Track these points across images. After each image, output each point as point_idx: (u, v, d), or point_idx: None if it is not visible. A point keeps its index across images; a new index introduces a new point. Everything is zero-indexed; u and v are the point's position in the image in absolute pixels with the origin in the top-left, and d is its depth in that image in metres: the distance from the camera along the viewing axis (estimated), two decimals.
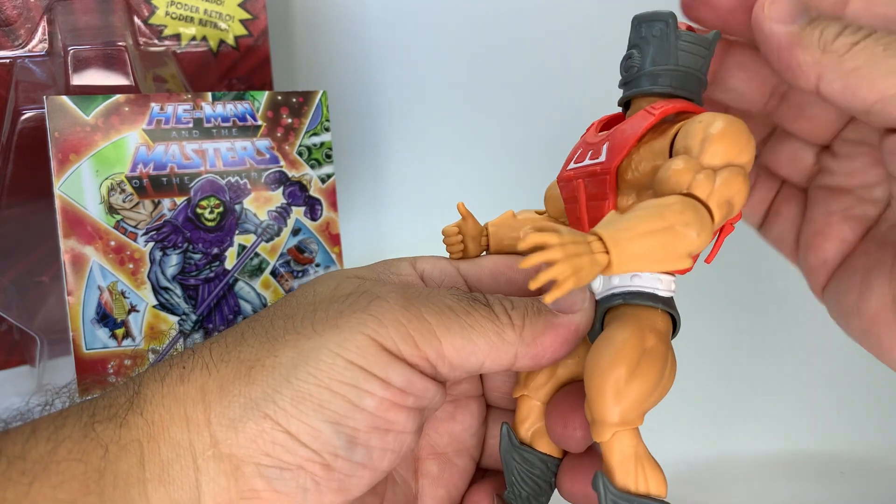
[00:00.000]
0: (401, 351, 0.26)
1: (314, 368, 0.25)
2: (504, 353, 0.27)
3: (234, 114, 0.44)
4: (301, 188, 0.45)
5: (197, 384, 0.27)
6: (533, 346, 0.27)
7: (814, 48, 0.26)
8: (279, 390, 0.25)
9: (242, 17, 0.51)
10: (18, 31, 0.47)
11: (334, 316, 0.26)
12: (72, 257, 0.41)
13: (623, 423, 0.25)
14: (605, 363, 0.25)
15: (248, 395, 0.26)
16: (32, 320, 0.48)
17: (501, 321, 0.27)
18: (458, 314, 0.27)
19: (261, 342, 0.27)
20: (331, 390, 0.25)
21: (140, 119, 0.42)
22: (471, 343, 0.26)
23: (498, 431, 0.33)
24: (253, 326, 0.28)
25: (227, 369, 0.27)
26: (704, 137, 0.25)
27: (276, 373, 0.26)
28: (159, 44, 0.50)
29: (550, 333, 0.27)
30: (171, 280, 0.43)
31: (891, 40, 0.24)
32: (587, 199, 0.27)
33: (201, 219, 0.44)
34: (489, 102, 0.56)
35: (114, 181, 0.42)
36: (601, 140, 0.27)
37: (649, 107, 0.27)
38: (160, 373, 0.28)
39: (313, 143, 0.46)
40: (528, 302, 0.28)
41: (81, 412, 0.27)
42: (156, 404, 0.27)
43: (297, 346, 0.26)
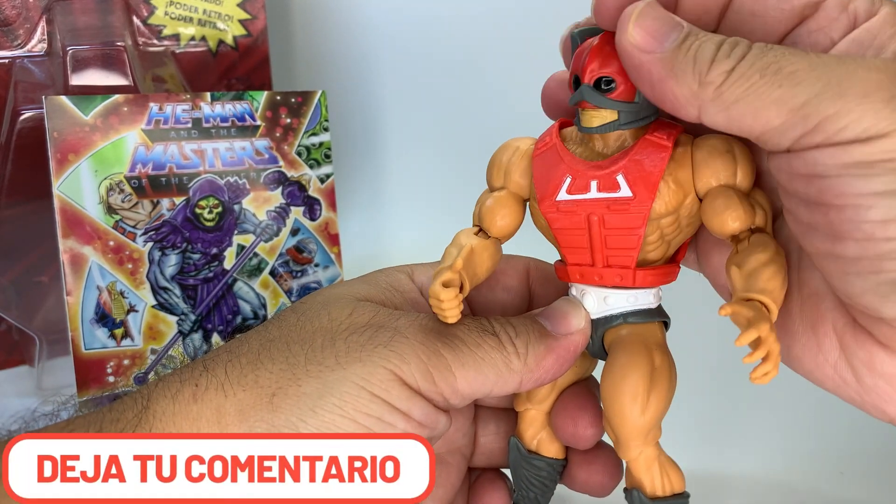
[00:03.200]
0: (420, 387, 0.27)
1: (339, 400, 0.26)
2: (510, 380, 0.28)
3: (232, 114, 0.44)
4: (300, 188, 0.45)
5: (212, 405, 0.27)
6: (536, 370, 0.28)
7: (689, 80, 0.24)
8: (304, 419, 0.26)
9: (241, 17, 0.51)
10: (17, 31, 0.47)
11: (356, 349, 0.27)
12: (71, 257, 0.41)
13: (647, 442, 0.28)
14: (625, 395, 0.27)
15: (272, 423, 0.26)
16: (32, 320, 0.48)
17: (507, 350, 0.28)
18: (470, 347, 0.28)
19: (281, 369, 0.27)
20: (355, 422, 0.26)
21: (139, 119, 0.42)
22: (482, 375, 0.28)
23: (488, 430, 0.35)
24: (269, 350, 0.28)
25: (247, 394, 0.27)
26: (732, 164, 0.27)
27: (300, 402, 0.26)
28: (158, 44, 0.50)
29: (551, 357, 0.28)
30: (170, 280, 0.43)
31: (766, 63, 0.24)
32: (606, 229, 0.28)
33: (200, 219, 0.44)
34: (489, 102, 0.56)
35: (113, 181, 0.42)
36: (609, 171, 0.27)
37: (652, 136, 0.27)
38: (170, 389, 0.28)
39: (312, 143, 0.46)
40: (530, 326, 0.29)
41: (88, 426, 0.27)
42: (166, 421, 0.27)
43: (321, 377, 0.27)
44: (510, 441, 0.33)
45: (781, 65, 0.23)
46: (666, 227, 0.28)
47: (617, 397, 0.27)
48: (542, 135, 0.30)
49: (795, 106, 0.23)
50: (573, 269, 0.29)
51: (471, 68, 0.58)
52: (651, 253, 0.28)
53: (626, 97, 0.27)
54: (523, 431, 0.32)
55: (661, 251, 0.28)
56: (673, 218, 0.27)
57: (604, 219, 0.28)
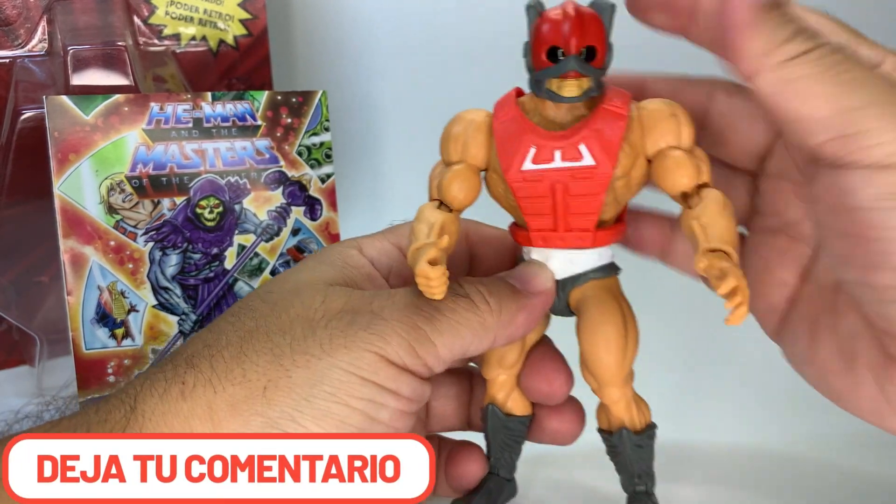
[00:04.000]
0: (405, 363, 0.28)
1: (331, 387, 0.27)
2: (485, 337, 0.29)
3: (233, 114, 0.44)
4: (301, 188, 0.45)
5: (202, 402, 0.27)
6: (509, 326, 0.30)
7: (768, 39, 0.25)
8: (300, 409, 0.27)
9: (242, 17, 0.51)
10: (18, 31, 0.47)
11: (339, 335, 0.28)
12: (71, 257, 0.41)
13: (626, 383, 0.31)
14: (609, 343, 0.30)
15: (268, 416, 0.27)
16: (32, 320, 0.48)
17: (481, 309, 0.29)
18: (445, 314, 0.29)
19: (268, 361, 0.28)
20: (349, 406, 0.27)
21: (140, 119, 0.42)
22: (460, 338, 0.29)
23: (439, 394, 0.36)
24: (251, 342, 0.28)
25: (237, 389, 0.27)
26: (677, 127, 0.29)
27: (293, 393, 0.27)
28: (159, 44, 0.50)
29: (523, 313, 0.30)
30: (171, 280, 0.43)
31: (836, 60, 0.24)
32: (570, 196, 0.30)
33: (201, 219, 0.44)
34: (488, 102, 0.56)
35: (113, 181, 0.42)
36: (571, 140, 0.29)
37: (609, 105, 0.29)
38: (157, 388, 0.28)
39: (313, 142, 0.46)
40: (500, 285, 0.30)
41: (74, 428, 0.27)
42: (156, 421, 0.27)
43: (310, 367, 0.27)
44: (487, 409, 0.34)
45: (848, 67, 0.24)
46: (619, 189, 0.30)
47: (600, 346, 0.30)
48: (497, 106, 0.31)
49: (844, 107, 0.24)
50: (535, 235, 0.31)
51: (471, 68, 0.58)
52: (606, 214, 0.30)
53: (601, 65, 0.29)
54: (495, 395, 0.34)
55: (613, 211, 0.31)
56: (626, 180, 0.30)
57: (567, 186, 0.29)
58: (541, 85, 0.29)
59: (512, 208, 0.32)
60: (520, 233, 0.32)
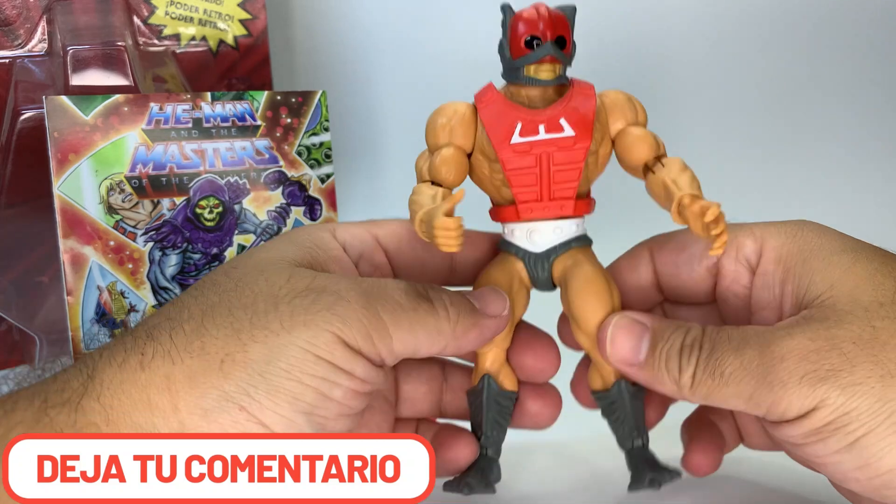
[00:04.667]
0: (361, 348, 0.29)
1: (286, 364, 0.27)
2: (437, 343, 0.31)
3: (233, 114, 0.44)
4: (300, 188, 0.45)
5: (160, 372, 0.27)
6: (461, 339, 0.32)
7: (669, 384, 0.31)
8: (254, 384, 0.27)
9: (242, 17, 0.51)
10: (18, 31, 0.47)
11: (301, 312, 0.28)
12: (71, 257, 0.41)
13: None
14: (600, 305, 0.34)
15: (223, 388, 0.27)
16: (32, 320, 0.48)
17: (440, 315, 0.31)
18: (406, 311, 0.30)
19: (226, 335, 0.28)
20: (303, 384, 0.28)
21: (139, 119, 0.42)
22: (415, 337, 0.30)
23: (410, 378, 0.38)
24: (212, 316, 0.29)
25: (195, 361, 0.27)
26: (634, 110, 0.34)
27: (249, 368, 0.27)
28: (159, 44, 0.50)
29: (476, 330, 0.32)
30: (171, 280, 0.43)
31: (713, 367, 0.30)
32: (554, 165, 0.33)
33: (200, 219, 0.44)
34: None
35: (113, 181, 0.42)
36: (552, 115, 0.33)
37: (578, 89, 0.34)
38: (115, 358, 0.28)
39: (313, 142, 0.46)
40: (461, 299, 0.32)
41: (33, 396, 0.27)
42: (113, 389, 0.27)
43: (267, 342, 0.28)
44: (483, 380, 0.35)
45: (723, 367, 0.29)
46: (590, 165, 0.34)
47: (593, 304, 0.33)
48: (477, 96, 0.35)
49: (745, 398, 0.29)
50: (523, 207, 0.34)
51: (471, 68, 0.58)
52: (581, 188, 0.34)
53: (569, 54, 0.34)
54: (488, 369, 0.36)
55: (585, 187, 0.35)
56: (595, 157, 0.34)
57: (552, 156, 0.33)
58: (519, 72, 0.33)
59: (495, 187, 0.34)
60: (504, 210, 0.35)
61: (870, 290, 0.30)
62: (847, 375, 0.28)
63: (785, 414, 0.29)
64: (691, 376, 0.30)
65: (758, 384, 0.29)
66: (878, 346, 0.28)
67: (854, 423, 0.28)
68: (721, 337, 0.30)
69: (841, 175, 0.61)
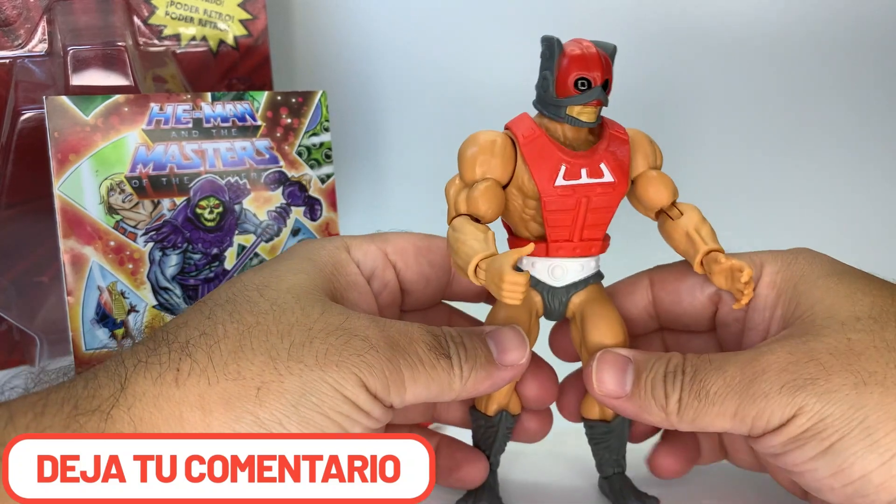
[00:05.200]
0: (379, 395, 0.30)
1: (317, 399, 0.29)
2: (447, 396, 0.32)
3: (233, 114, 0.44)
4: (300, 188, 0.45)
5: (195, 390, 0.28)
6: (472, 391, 0.33)
7: (657, 413, 0.32)
8: (287, 415, 0.29)
9: (242, 17, 0.51)
10: (18, 31, 0.47)
11: (334, 353, 0.30)
12: (71, 257, 0.41)
13: None
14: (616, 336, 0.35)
15: (257, 415, 0.28)
16: (32, 320, 0.48)
17: (454, 373, 0.32)
18: (425, 368, 0.31)
19: (263, 361, 0.29)
20: (329, 418, 0.29)
21: (140, 119, 0.42)
22: (427, 390, 0.32)
23: None
24: (249, 339, 0.30)
25: (231, 385, 0.29)
26: (654, 153, 0.35)
27: (283, 398, 0.29)
28: (159, 44, 0.50)
29: (488, 382, 0.33)
30: (171, 280, 0.43)
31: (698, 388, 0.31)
32: (590, 209, 0.34)
33: (201, 219, 0.44)
34: (488, 102, 0.56)
35: (113, 181, 0.42)
36: (593, 160, 0.33)
37: (613, 130, 0.34)
38: (151, 372, 0.29)
39: (313, 143, 0.46)
40: (479, 349, 0.33)
41: (62, 402, 0.27)
42: (146, 403, 0.28)
43: (302, 376, 0.29)
44: (501, 416, 0.37)
45: (707, 388, 0.31)
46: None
47: (609, 335, 0.35)
48: (514, 126, 0.34)
49: (731, 415, 0.30)
50: (554, 245, 0.34)
51: (471, 68, 0.58)
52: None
53: (610, 93, 0.34)
54: (504, 403, 0.37)
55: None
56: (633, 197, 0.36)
57: (590, 200, 0.33)
58: (561, 110, 0.33)
59: (523, 221, 0.35)
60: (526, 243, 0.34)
61: (847, 307, 0.31)
62: (823, 383, 0.29)
63: (768, 425, 0.30)
64: (678, 401, 0.31)
65: (741, 398, 0.30)
66: (854, 356, 0.29)
67: (829, 430, 0.29)
68: (702, 360, 0.32)
69: (846, 179, 0.61)
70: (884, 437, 0.28)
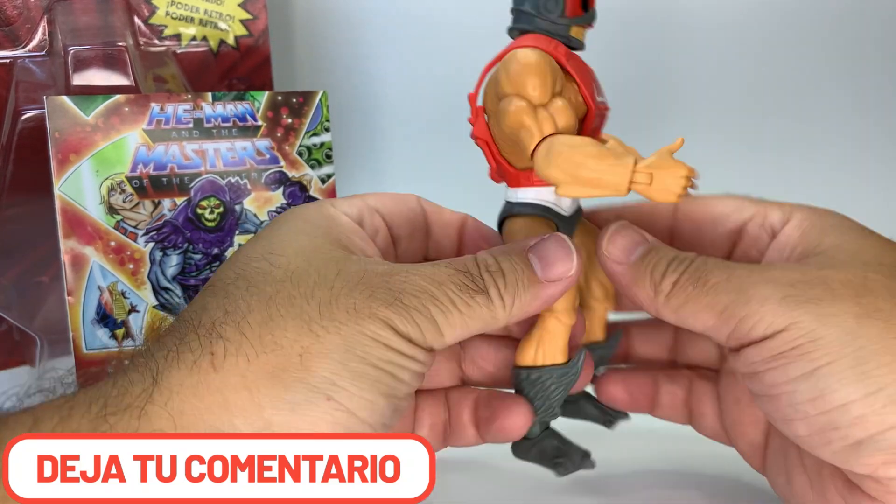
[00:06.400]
0: (416, 341, 0.29)
1: (362, 352, 0.28)
2: (492, 327, 0.31)
3: (234, 114, 0.44)
4: (301, 188, 0.45)
5: (235, 371, 0.27)
6: (520, 316, 0.31)
7: (647, 288, 0.31)
8: (338, 374, 0.28)
9: (242, 17, 0.51)
10: (18, 31, 0.47)
11: (363, 307, 0.29)
12: (72, 258, 0.41)
13: None
14: None
15: (308, 381, 0.27)
16: (32, 320, 0.48)
17: (495, 304, 0.30)
18: (459, 310, 0.30)
19: (297, 326, 0.28)
20: (379, 369, 0.28)
21: (140, 119, 0.42)
22: (468, 330, 0.30)
23: None
24: (276, 307, 0.29)
25: (272, 357, 0.27)
26: None
27: (329, 358, 0.28)
28: (159, 44, 0.50)
29: (537, 303, 0.31)
30: (172, 280, 0.43)
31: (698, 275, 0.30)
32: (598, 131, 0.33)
33: (201, 219, 0.44)
34: None
35: (114, 181, 0.42)
36: (593, 78, 0.33)
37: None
38: (184, 360, 0.27)
39: (313, 143, 0.46)
40: (520, 272, 0.31)
41: (90, 403, 0.27)
42: (184, 394, 0.27)
43: (340, 333, 0.28)
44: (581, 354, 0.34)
45: (708, 277, 0.30)
46: None
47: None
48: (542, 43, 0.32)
49: (719, 311, 0.29)
50: None
51: (472, 68, 0.58)
52: None
53: None
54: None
55: None
56: None
57: (602, 120, 0.33)
58: (567, 30, 0.32)
59: None
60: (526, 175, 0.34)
61: (874, 253, 0.30)
62: (827, 307, 0.28)
63: (752, 332, 0.29)
64: (673, 283, 0.30)
65: (737, 296, 0.29)
66: (866, 291, 0.28)
67: (819, 351, 0.28)
68: (714, 259, 0.31)
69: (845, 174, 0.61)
70: (875, 369, 0.27)
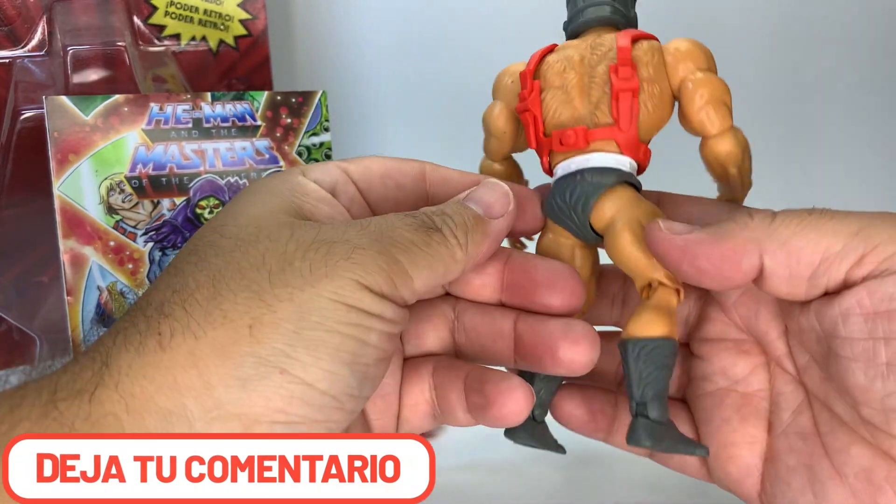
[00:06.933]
0: (385, 292, 0.28)
1: (319, 317, 0.26)
2: (455, 269, 0.30)
3: (233, 114, 0.44)
4: None
5: (182, 350, 0.26)
6: (476, 256, 0.31)
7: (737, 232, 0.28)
8: (291, 343, 0.26)
9: (242, 18, 0.51)
10: (18, 31, 0.47)
11: (319, 266, 0.27)
12: (71, 257, 0.41)
13: None
14: None
15: (258, 354, 0.26)
16: (32, 320, 0.48)
17: (451, 243, 0.30)
18: (421, 248, 0.29)
19: (247, 297, 0.26)
20: (340, 333, 0.27)
21: (139, 119, 0.42)
22: (434, 272, 0.29)
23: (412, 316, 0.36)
24: (224, 280, 0.27)
25: (220, 332, 0.26)
26: None
27: (280, 328, 0.26)
28: (159, 44, 0.50)
29: (488, 240, 0.31)
30: None
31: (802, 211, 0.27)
32: None
33: (201, 219, 0.44)
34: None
35: (113, 181, 0.42)
36: None
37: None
38: (131, 342, 0.27)
39: (313, 143, 0.46)
40: (465, 213, 0.31)
41: (40, 389, 0.26)
42: (133, 376, 0.26)
43: (294, 299, 0.26)
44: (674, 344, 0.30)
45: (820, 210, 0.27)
46: None
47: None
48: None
49: (852, 232, 0.26)
50: None
51: (472, 68, 0.58)
52: None
53: None
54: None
55: None
56: None
57: None
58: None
59: None
60: None
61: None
62: None
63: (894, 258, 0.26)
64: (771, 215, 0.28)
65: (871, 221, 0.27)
66: None
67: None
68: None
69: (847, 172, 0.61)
70: None
